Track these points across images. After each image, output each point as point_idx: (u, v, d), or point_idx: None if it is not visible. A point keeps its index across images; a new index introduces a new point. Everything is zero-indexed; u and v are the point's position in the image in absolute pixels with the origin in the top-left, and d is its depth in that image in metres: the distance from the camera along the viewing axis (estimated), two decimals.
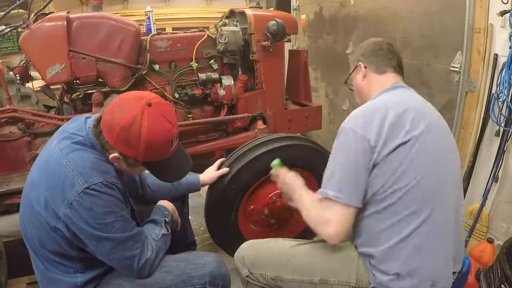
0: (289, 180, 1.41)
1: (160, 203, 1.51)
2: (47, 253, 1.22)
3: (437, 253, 1.17)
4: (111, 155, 1.19)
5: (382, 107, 1.22)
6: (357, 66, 1.42)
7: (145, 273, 1.27)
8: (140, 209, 1.50)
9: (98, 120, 1.21)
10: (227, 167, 1.86)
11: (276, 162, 1.53)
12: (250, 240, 1.49)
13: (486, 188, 2.07)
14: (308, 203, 1.25)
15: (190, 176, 1.77)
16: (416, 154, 1.15)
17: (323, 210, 1.17)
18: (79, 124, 1.27)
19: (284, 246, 1.38)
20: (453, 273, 1.27)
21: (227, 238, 1.97)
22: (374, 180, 1.16)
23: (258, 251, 1.40)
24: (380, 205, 1.16)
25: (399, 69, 1.38)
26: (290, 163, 1.94)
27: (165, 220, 1.42)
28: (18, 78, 2.80)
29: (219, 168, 1.87)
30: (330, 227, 1.15)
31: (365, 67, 1.39)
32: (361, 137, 1.15)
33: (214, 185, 1.86)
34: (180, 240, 1.63)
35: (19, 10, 2.21)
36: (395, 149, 1.14)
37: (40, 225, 1.20)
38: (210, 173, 1.84)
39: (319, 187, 1.22)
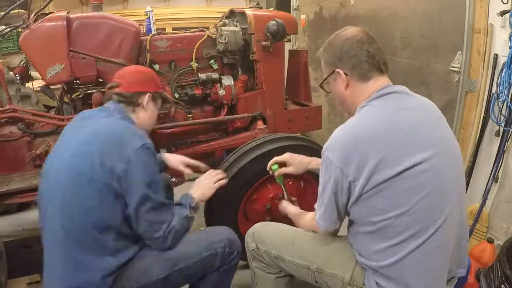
0: (288, 211, 1.65)
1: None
2: (85, 229, 1.24)
3: (430, 273, 1.14)
4: (145, 98, 1.49)
5: (365, 138, 1.10)
6: (334, 71, 1.24)
7: (168, 241, 1.35)
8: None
9: (115, 93, 1.47)
10: (225, 169, 1.84)
11: (275, 166, 1.72)
12: (263, 221, 1.60)
13: (486, 188, 2.06)
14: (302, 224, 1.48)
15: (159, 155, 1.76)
16: (408, 185, 1.07)
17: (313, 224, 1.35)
18: (98, 110, 1.48)
19: (292, 230, 1.47)
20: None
21: None
22: (362, 207, 1.14)
23: (269, 229, 1.50)
24: (373, 227, 1.14)
25: (384, 68, 1.21)
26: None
27: (189, 204, 1.49)
28: (18, 78, 2.80)
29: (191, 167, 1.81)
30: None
31: (346, 74, 1.21)
32: (339, 170, 1.11)
33: None
34: None
35: (19, 10, 2.21)
36: (381, 183, 1.07)
37: (86, 195, 1.24)
38: (176, 159, 1.80)
39: (317, 186, 1.26)
